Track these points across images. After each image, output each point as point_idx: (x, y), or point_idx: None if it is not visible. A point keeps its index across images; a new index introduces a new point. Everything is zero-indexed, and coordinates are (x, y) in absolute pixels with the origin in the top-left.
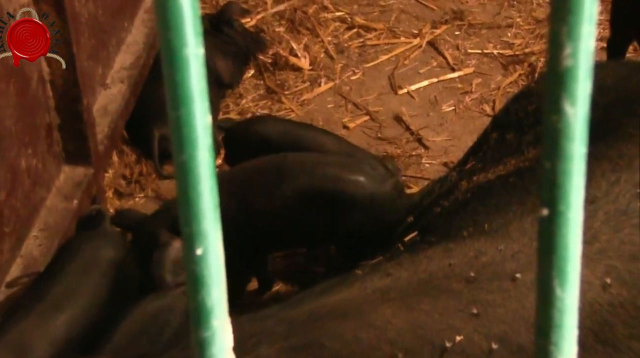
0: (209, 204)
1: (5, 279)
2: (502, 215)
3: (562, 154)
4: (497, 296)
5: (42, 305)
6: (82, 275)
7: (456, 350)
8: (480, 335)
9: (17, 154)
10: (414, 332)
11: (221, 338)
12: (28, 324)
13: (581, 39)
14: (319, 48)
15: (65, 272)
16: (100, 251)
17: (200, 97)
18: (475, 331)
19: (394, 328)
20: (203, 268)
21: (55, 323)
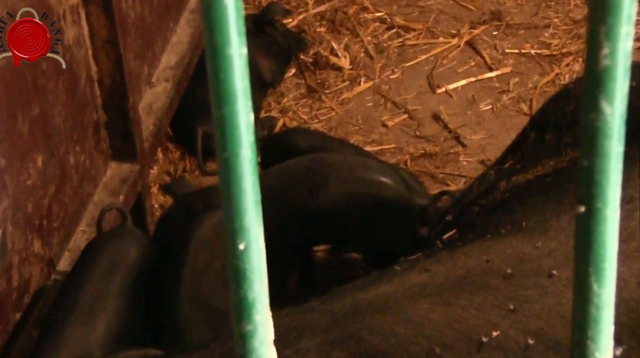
0: (251, 200)
1: (54, 272)
2: (540, 214)
3: (599, 152)
4: (534, 292)
5: (76, 314)
6: (109, 276)
7: (492, 345)
8: (516, 331)
9: (66, 151)
10: (450, 327)
11: (263, 332)
12: (69, 338)
13: (619, 39)
14: (359, 48)
15: (93, 275)
16: (124, 251)
17: (243, 95)
18: (511, 326)
19: (431, 323)
20: (245, 263)
21: (95, 330)
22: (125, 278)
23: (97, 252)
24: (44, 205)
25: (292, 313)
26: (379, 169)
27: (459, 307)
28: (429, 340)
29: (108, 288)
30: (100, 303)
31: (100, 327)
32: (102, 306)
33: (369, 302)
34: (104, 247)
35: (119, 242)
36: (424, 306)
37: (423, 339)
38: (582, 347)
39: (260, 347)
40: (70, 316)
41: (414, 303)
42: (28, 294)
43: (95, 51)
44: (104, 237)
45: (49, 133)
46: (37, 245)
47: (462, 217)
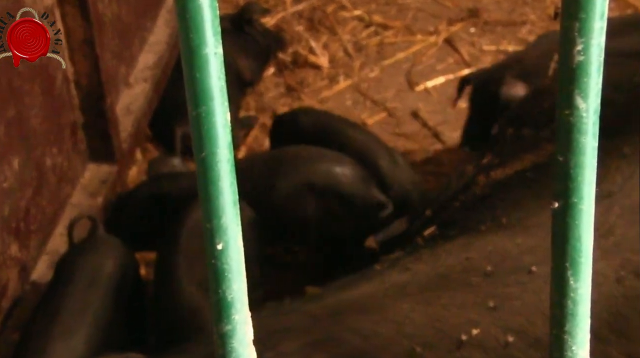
0: (229, 200)
1: (32, 275)
2: (520, 210)
3: (574, 148)
4: (514, 289)
5: (56, 328)
6: (87, 291)
7: (473, 343)
8: (497, 328)
9: (43, 153)
10: (431, 326)
11: (242, 332)
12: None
13: (592, 35)
14: (338, 46)
15: (71, 288)
16: (102, 260)
17: (219, 95)
18: (492, 324)
19: (412, 322)
20: (223, 263)
21: (76, 344)
22: (104, 293)
23: (74, 267)
24: (21, 207)
25: (273, 314)
26: (337, 160)
27: (440, 306)
28: (410, 339)
29: (87, 306)
30: (80, 319)
31: (81, 344)
32: (82, 322)
33: (350, 302)
34: (80, 261)
35: (95, 255)
36: (404, 305)
37: (404, 339)
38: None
39: (239, 347)
40: (50, 332)
41: (395, 303)
42: (6, 298)
43: (72, 52)
44: (79, 250)
45: (25, 135)
46: (14, 249)
47: (441, 213)
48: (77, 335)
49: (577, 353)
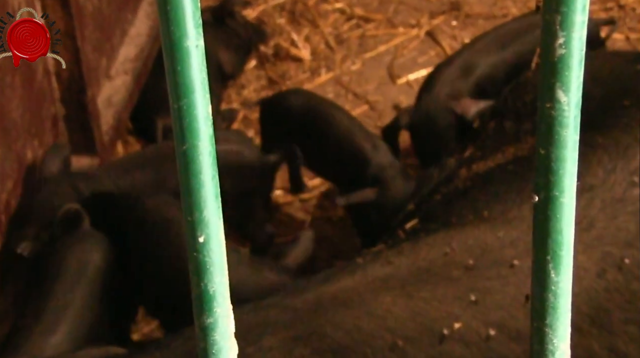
0: (210, 193)
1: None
2: (501, 203)
3: (556, 141)
4: (496, 283)
5: (39, 325)
6: (72, 286)
7: (454, 337)
8: (478, 322)
9: (24, 145)
10: (413, 320)
11: (224, 325)
12: (30, 347)
13: (574, 28)
14: (319, 39)
15: (56, 284)
16: (87, 256)
17: (201, 88)
18: (473, 318)
19: (393, 316)
20: (205, 256)
21: (57, 340)
22: (88, 288)
23: (58, 262)
24: (1, 200)
25: (255, 308)
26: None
27: (421, 300)
28: (392, 333)
29: (71, 300)
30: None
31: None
32: (65, 318)
33: (331, 296)
34: (65, 256)
35: (79, 249)
36: (386, 299)
37: (386, 333)
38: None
39: (221, 340)
40: (33, 328)
41: (377, 297)
42: None
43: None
44: (63, 244)
45: (5, 127)
46: None
47: (423, 206)
48: (59, 331)
49: (558, 346)
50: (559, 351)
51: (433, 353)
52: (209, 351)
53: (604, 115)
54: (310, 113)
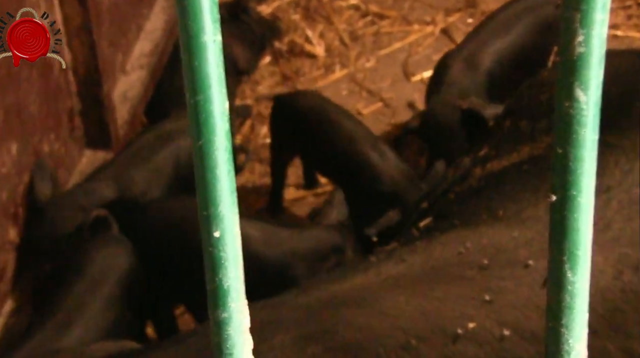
0: (226, 188)
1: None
2: (516, 202)
3: (574, 140)
4: (510, 283)
5: (53, 321)
6: (92, 288)
7: (468, 337)
8: (492, 322)
9: (41, 139)
10: (426, 319)
11: (238, 320)
12: (41, 342)
13: (594, 26)
14: (334, 35)
15: (75, 285)
16: (109, 261)
17: (218, 83)
18: (487, 318)
19: (406, 315)
20: (220, 251)
21: (69, 339)
22: (109, 292)
23: (82, 263)
24: (18, 193)
25: (267, 306)
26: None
27: (435, 299)
28: (404, 332)
29: (89, 302)
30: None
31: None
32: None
33: (344, 294)
34: (89, 258)
35: (103, 253)
36: (399, 298)
37: (399, 332)
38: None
39: (235, 335)
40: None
41: (390, 296)
42: (4, 282)
43: (69, 38)
44: (89, 247)
45: (22, 121)
46: (12, 233)
47: (437, 205)
48: (72, 330)
49: (574, 346)
50: (574, 352)
51: (446, 353)
52: (223, 346)
53: (620, 115)
54: (318, 117)
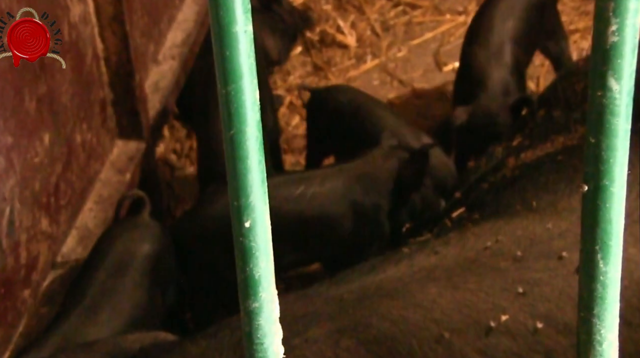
0: (257, 178)
1: (62, 250)
2: (551, 193)
3: (606, 130)
4: (544, 275)
5: (80, 308)
6: (118, 272)
7: (501, 330)
8: (525, 314)
9: (73, 129)
10: (459, 311)
11: (269, 309)
12: (68, 329)
13: (627, 15)
14: (365, 25)
15: (102, 270)
16: (137, 245)
17: (249, 73)
18: (520, 310)
19: (439, 307)
20: (251, 241)
21: (95, 326)
22: (134, 276)
23: (109, 247)
24: (51, 183)
25: (301, 298)
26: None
27: (468, 291)
28: (437, 325)
29: (115, 287)
30: (106, 301)
31: (101, 328)
32: (107, 304)
33: (377, 286)
34: (116, 241)
35: (132, 236)
36: (432, 290)
37: (432, 324)
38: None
39: (266, 324)
40: (74, 311)
41: (423, 288)
42: (36, 271)
43: (102, 29)
44: (118, 229)
45: (55, 111)
46: (44, 223)
47: (470, 195)
48: (99, 318)
49: (606, 337)
50: (606, 342)
51: (479, 346)
52: (254, 335)
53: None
54: (355, 110)
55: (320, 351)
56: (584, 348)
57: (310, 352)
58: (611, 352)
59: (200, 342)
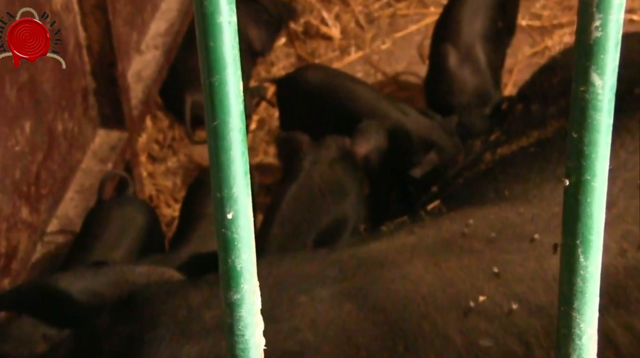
0: (240, 169)
1: (43, 239)
2: (523, 183)
3: (589, 125)
4: (517, 256)
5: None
6: (113, 244)
7: (479, 310)
8: (501, 295)
9: (54, 117)
10: (443, 290)
11: (250, 301)
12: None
13: (611, 10)
14: (350, 17)
15: (97, 244)
16: (130, 217)
17: (233, 64)
18: (496, 291)
19: (426, 283)
20: (233, 232)
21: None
22: (130, 246)
23: (103, 219)
24: (32, 171)
25: (306, 259)
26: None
27: (450, 270)
28: (424, 300)
29: (113, 257)
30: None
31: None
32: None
33: (368, 255)
34: (111, 215)
35: (125, 210)
36: (419, 264)
37: (420, 299)
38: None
39: (247, 316)
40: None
41: (409, 261)
42: (16, 260)
43: (84, 17)
44: (109, 204)
45: (37, 99)
46: (25, 212)
47: (446, 188)
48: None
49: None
50: (586, 335)
51: (459, 327)
52: (235, 327)
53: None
54: (330, 89)
55: (325, 310)
56: (564, 342)
57: (314, 310)
58: (590, 346)
59: (203, 289)
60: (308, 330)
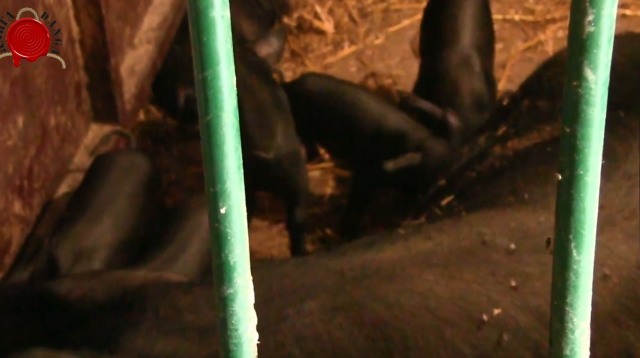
0: (233, 164)
1: (35, 233)
2: (542, 186)
3: (582, 119)
4: (536, 269)
5: (87, 213)
6: (117, 184)
7: (492, 323)
8: (517, 309)
9: (47, 112)
10: (454, 302)
11: (244, 295)
12: (75, 234)
13: (604, 5)
14: (343, 12)
15: (102, 184)
16: (133, 161)
17: (226, 58)
18: (512, 304)
19: (435, 296)
20: (226, 227)
21: (101, 230)
22: (133, 187)
23: (108, 164)
24: (24, 166)
25: (300, 265)
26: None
27: (463, 281)
28: (432, 314)
29: (117, 195)
30: (109, 207)
31: (108, 229)
32: (111, 210)
33: (377, 266)
34: (115, 159)
35: (130, 155)
36: (429, 277)
37: (427, 312)
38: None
39: (240, 310)
40: (80, 215)
41: (419, 274)
42: (9, 255)
43: (77, 11)
44: (114, 153)
45: (29, 93)
46: (17, 206)
47: (457, 182)
48: (104, 222)
49: (578, 324)
50: (578, 329)
51: (470, 339)
52: (228, 321)
53: None
54: (331, 96)
55: (312, 324)
56: (557, 336)
57: (301, 323)
58: (583, 340)
59: (193, 291)
60: (294, 345)
